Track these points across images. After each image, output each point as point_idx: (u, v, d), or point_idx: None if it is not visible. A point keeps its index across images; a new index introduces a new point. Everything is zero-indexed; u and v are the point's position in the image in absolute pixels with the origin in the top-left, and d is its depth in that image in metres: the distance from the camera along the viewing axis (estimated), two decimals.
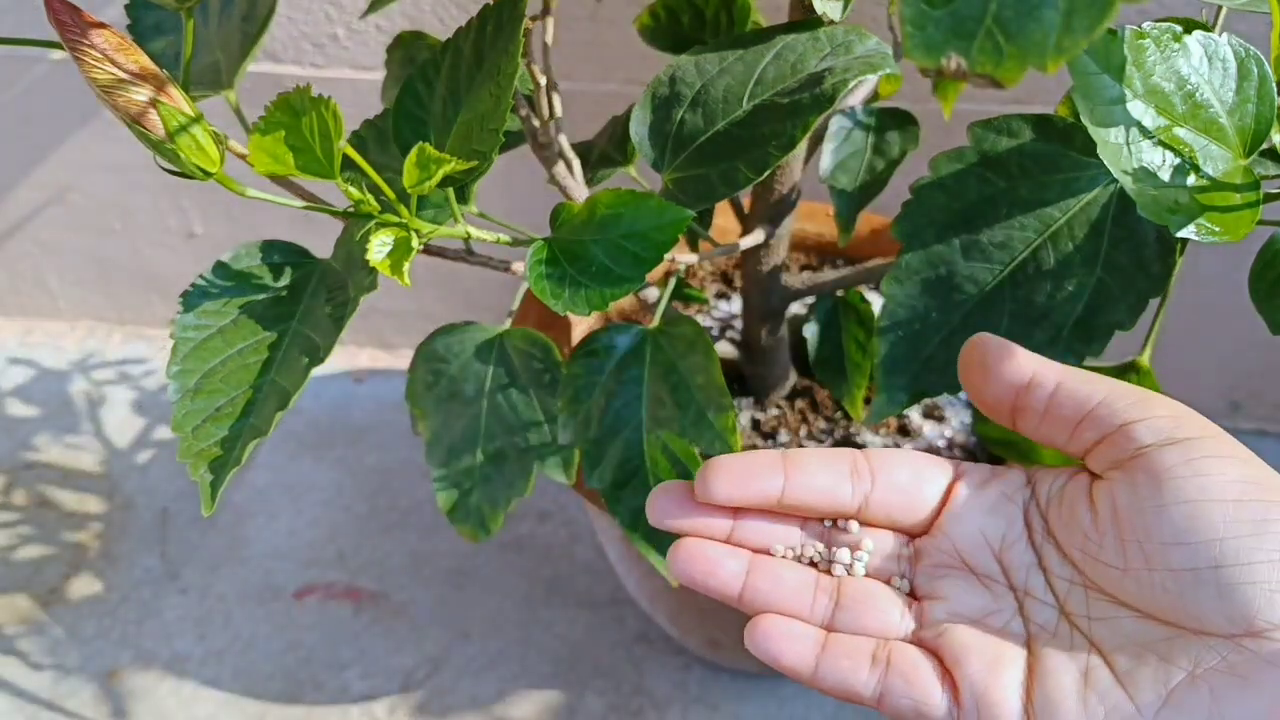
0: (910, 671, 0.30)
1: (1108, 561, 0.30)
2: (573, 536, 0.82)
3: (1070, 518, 0.31)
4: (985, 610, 0.31)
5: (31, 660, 0.75)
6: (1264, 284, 0.39)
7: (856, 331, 0.57)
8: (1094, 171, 0.39)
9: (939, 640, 0.31)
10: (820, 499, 0.32)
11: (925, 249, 0.40)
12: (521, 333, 0.48)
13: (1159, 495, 0.28)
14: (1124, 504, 0.29)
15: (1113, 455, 0.30)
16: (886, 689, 0.30)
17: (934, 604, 0.31)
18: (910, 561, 0.33)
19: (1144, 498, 0.29)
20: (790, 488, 0.32)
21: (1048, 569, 0.31)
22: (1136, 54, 0.35)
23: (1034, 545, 0.32)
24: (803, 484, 0.32)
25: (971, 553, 0.32)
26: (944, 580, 0.32)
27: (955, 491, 0.33)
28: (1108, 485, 0.30)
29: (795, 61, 0.40)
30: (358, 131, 0.48)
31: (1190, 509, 0.28)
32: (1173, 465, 0.28)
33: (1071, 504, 0.31)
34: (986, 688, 0.29)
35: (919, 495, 0.32)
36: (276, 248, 0.41)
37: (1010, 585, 0.31)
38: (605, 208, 0.38)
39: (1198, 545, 0.28)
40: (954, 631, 0.31)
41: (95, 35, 0.32)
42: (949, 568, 0.32)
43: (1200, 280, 0.73)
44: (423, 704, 0.73)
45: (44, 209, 0.90)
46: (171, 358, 0.39)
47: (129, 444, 0.89)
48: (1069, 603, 0.31)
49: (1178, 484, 0.28)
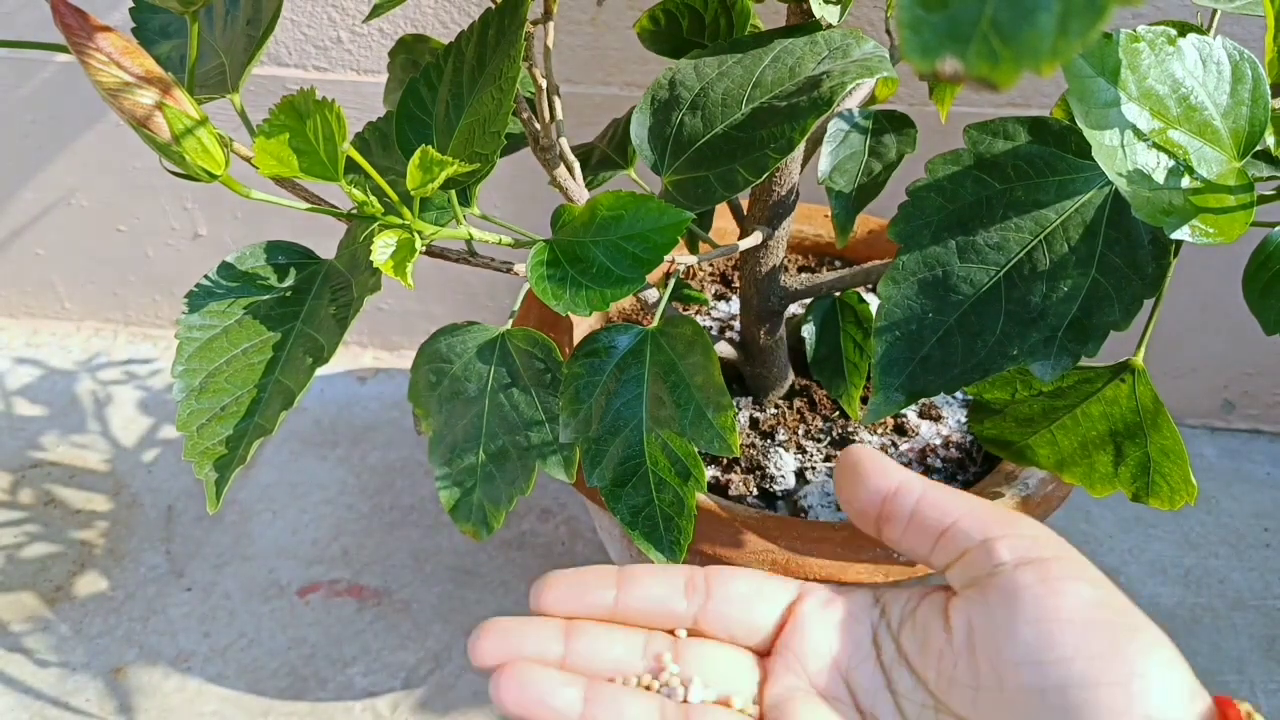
0: None
1: (961, 681, 0.29)
2: (573, 534, 0.83)
3: (924, 636, 0.30)
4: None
5: (37, 657, 0.76)
6: (1258, 284, 0.39)
7: (854, 332, 0.57)
8: (1089, 174, 0.39)
9: None
10: (654, 609, 0.31)
11: (922, 250, 0.41)
12: (523, 333, 0.48)
13: (1012, 613, 0.28)
14: (978, 622, 0.29)
15: (971, 572, 0.30)
16: None
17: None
18: (760, 683, 0.32)
19: (997, 615, 0.28)
20: (623, 598, 0.31)
21: (897, 691, 0.30)
22: (1131, 57, 0.36)
23: (883, 666, 0.31)
24: (637, 594, 0.31)
25: (818, 674, 0.31)
26: (791, 703, 0.31)
27: (799, 610, 0.32)
28: (964, 603, 0.30)
29: (793, 65, 0.40)
30: (361, 134, 0.48)
31: (1042, 629, 0.28)
32: (1027, 584, 0.28)
33: (925, 623, 0.30)
34: None
35: (757, 611, 0.32)
36: (281, 249, 0.41)
37: (858, 708, 0.31)
38: (606, 210, 0.38)
39: (1046, 665, 0.27)
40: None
41: (101, 39, 0.33)
42: (796, 689, 0.31)
43: (1195, 281, 0.73)
44: (426, 700, 0.74)
45: (50, 211, 0.91)
46: (177, 357, 0.39)
47: (135, 443, 0.90)
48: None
49: (1031, 603, 0.28)
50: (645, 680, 0.31)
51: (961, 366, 0.41)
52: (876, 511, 0.32)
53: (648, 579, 0.32)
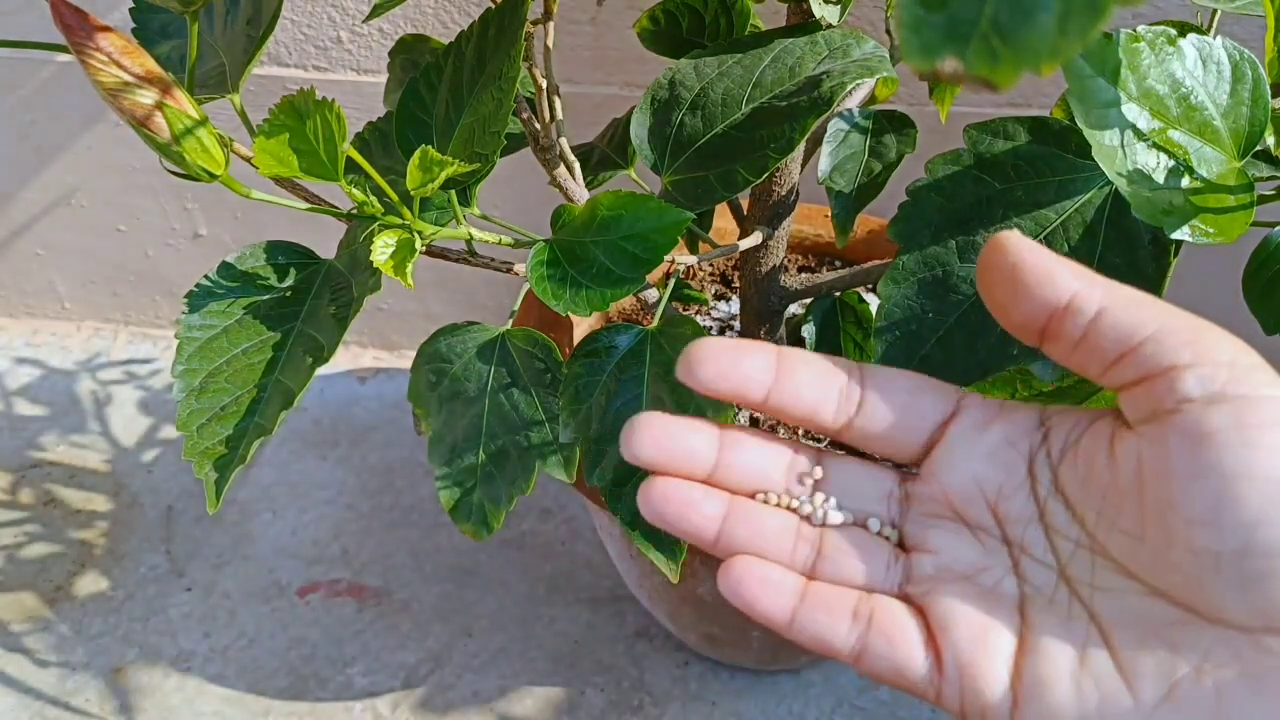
0: (893, 631, 0.27)
1: (1123, 528, 0.26)
2: (573, 534, 0.83)
3: (1086, 472, 0.27)
4: (977, 566, 0.28)
5: (38, 657, 0.76)
6: (1258, 285, 0.39)
7: (854, 332, 0.57)
8: (1089, 174, 0.39)
9: (926, 599, 0.28)
10: (804, 412, 0.29)
11: (922, 250, 0.41)
12: (523, 333, 0.48)
13: (1194, 462, 0.24)
14: (1151, 466, 0.25)
15: (1150, 404, 0.25)
16: (866, 648, 0.27)
17: (922, 557, 0.29)
18: (901, 505, 0.29)
19: (1176, 462, 0.24)
20: (776, 391, 0.28)
21: (1050, 526, 0.27)
22: (1131, 57, 0.36)
23: (1037, 498, 0.28)
24: (790, 390, 0.28)
25: (964, 501, 0.28)
26: (934, 530, 0.29)
27: (951, 429, 0.29)
28: (1136, 440, 0.26)
29: (793, 65, 0.40)
30: (361, 134, 0.48)
31: (1225, 485, 0.24)
32: (1217, 429, 0.24)
33: (1089, 456, 0.27)
34: (973, 658, 0.27)
35: (907, 426, 0.29)
36: (281, 249, 0.41)
37: (1006, 540, 0.28)
38: (606, 210, 0.38)
39: (1226, 528, 0.24)
40: (942, 592, 0.28)
41: (101, 38, 0.33)
42: (939, 516, 0.29)
43: (1194, 281, 0.73)
44: (425, 700, 0.74)
45: (50, 211, 0.91)
46: (177, 357, 0.39)
47: (135, 443, 0.90)
48: (1071, 567, 0.27)
49: (1218, 453, 0.24)
50: (784, 500, 0.30)
51: (962, 366, 0.41)
52: (1041, 326, 0.27)
53: (804, 372, 0.29)
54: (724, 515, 0.29)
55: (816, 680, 0.74)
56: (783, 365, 0.29)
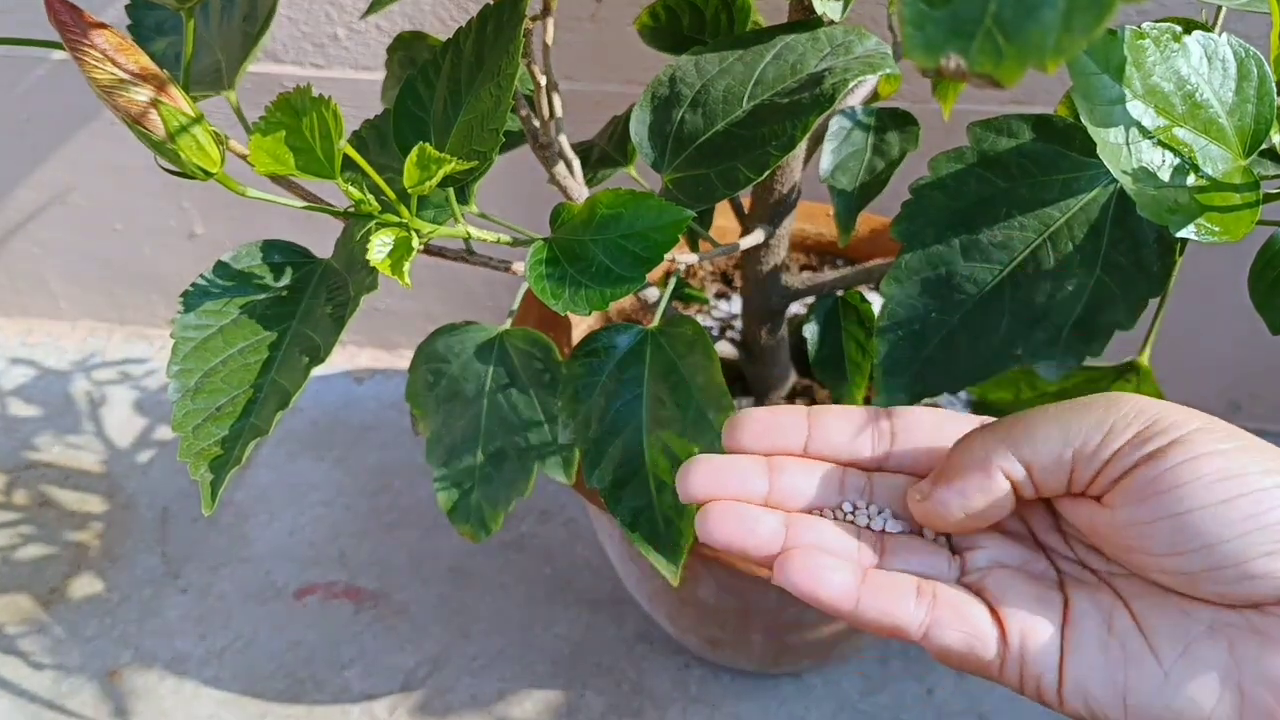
0: (959, 605, 0.29)
1: (1111, 553, 0.30)
2: (573, 536, 0.82)
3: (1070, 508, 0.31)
4: (1023, 559, 0.31)
5: (33, 659, 0.75)
6: (1263, 284, 0.39)
7: (856, 331, 0.57)
8: (1094, 171, 0.39)
9: (984, 581, 0.30)
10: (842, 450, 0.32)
11: (925, 249, 0.40)
12: (522, 333, 0.48)
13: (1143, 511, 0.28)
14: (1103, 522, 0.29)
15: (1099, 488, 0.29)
16: (935, 621, 0.29)
17: (975, 553, 0.31)
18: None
19: (1122, 519, 0.28)
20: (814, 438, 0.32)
21: (1067, 533, 0.31)
22: (1136, 54, 0.35)
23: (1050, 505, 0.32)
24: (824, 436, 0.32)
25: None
26: (979, 536, 0.32)
27: None
28: (1090, 505, 0.30)
29: (795, 62, 0.40)
30: (358, 132, 0.48)
31: (1174, 523, 0.27)
32: (1151, 480, 0.28)
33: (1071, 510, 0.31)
34: (1031, 628, 0.29)
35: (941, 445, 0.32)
36: (277, 247, 0.41)
37: (1037, 543, 0.32)
38: (605, 208, 0.38)
39: (1192, 553, 0.27)
40: (997, 574, 0.30)
41: (96, 35, 0.32)
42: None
43: (1200, 280, 0.73)
44: (423, 703, 0.73)
45: (45, 209, 0.90)
46: (172, 357, 0.39)
47: (130, 444, 0.89)
48: (1089, 560, 0.31)
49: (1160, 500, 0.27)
50: (840, 515, 0.32)
51: (965, 366, 0.40)
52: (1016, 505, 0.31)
53: (836, 422, 0.32)
54: (784, 530, 0.31)
55: (818, 684, 0.73)
56: (815, 416, 0.32)
